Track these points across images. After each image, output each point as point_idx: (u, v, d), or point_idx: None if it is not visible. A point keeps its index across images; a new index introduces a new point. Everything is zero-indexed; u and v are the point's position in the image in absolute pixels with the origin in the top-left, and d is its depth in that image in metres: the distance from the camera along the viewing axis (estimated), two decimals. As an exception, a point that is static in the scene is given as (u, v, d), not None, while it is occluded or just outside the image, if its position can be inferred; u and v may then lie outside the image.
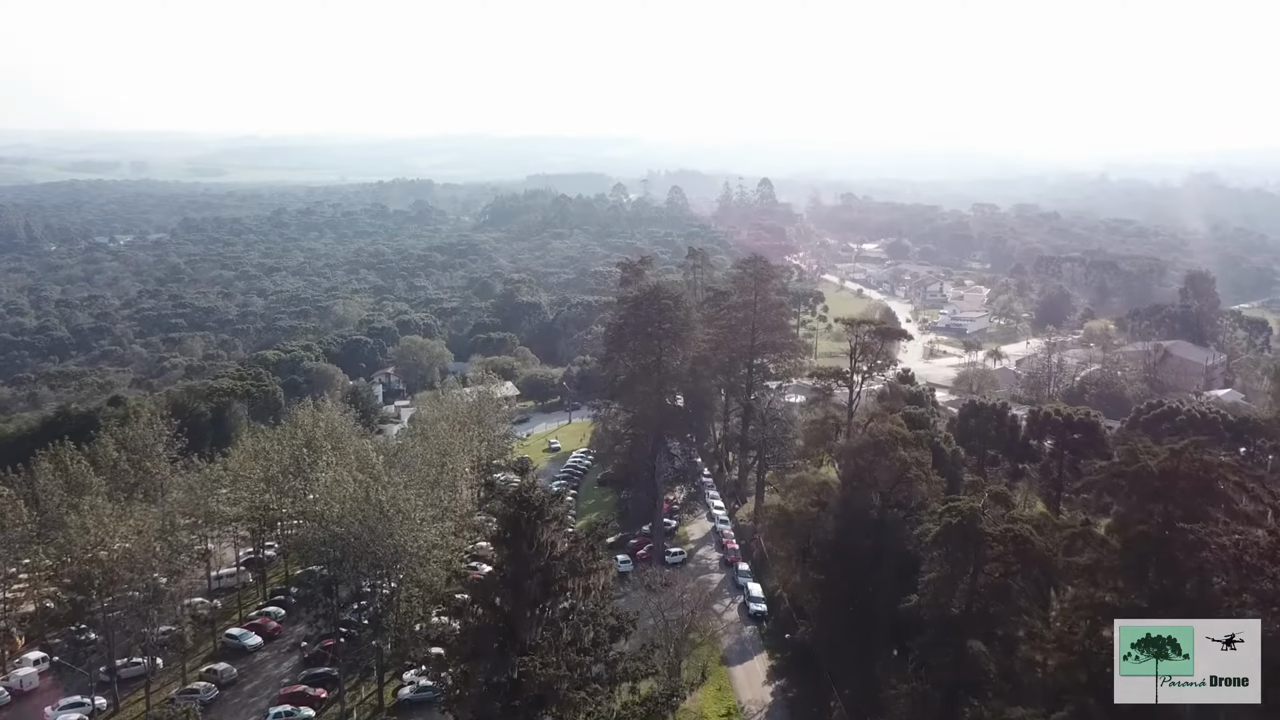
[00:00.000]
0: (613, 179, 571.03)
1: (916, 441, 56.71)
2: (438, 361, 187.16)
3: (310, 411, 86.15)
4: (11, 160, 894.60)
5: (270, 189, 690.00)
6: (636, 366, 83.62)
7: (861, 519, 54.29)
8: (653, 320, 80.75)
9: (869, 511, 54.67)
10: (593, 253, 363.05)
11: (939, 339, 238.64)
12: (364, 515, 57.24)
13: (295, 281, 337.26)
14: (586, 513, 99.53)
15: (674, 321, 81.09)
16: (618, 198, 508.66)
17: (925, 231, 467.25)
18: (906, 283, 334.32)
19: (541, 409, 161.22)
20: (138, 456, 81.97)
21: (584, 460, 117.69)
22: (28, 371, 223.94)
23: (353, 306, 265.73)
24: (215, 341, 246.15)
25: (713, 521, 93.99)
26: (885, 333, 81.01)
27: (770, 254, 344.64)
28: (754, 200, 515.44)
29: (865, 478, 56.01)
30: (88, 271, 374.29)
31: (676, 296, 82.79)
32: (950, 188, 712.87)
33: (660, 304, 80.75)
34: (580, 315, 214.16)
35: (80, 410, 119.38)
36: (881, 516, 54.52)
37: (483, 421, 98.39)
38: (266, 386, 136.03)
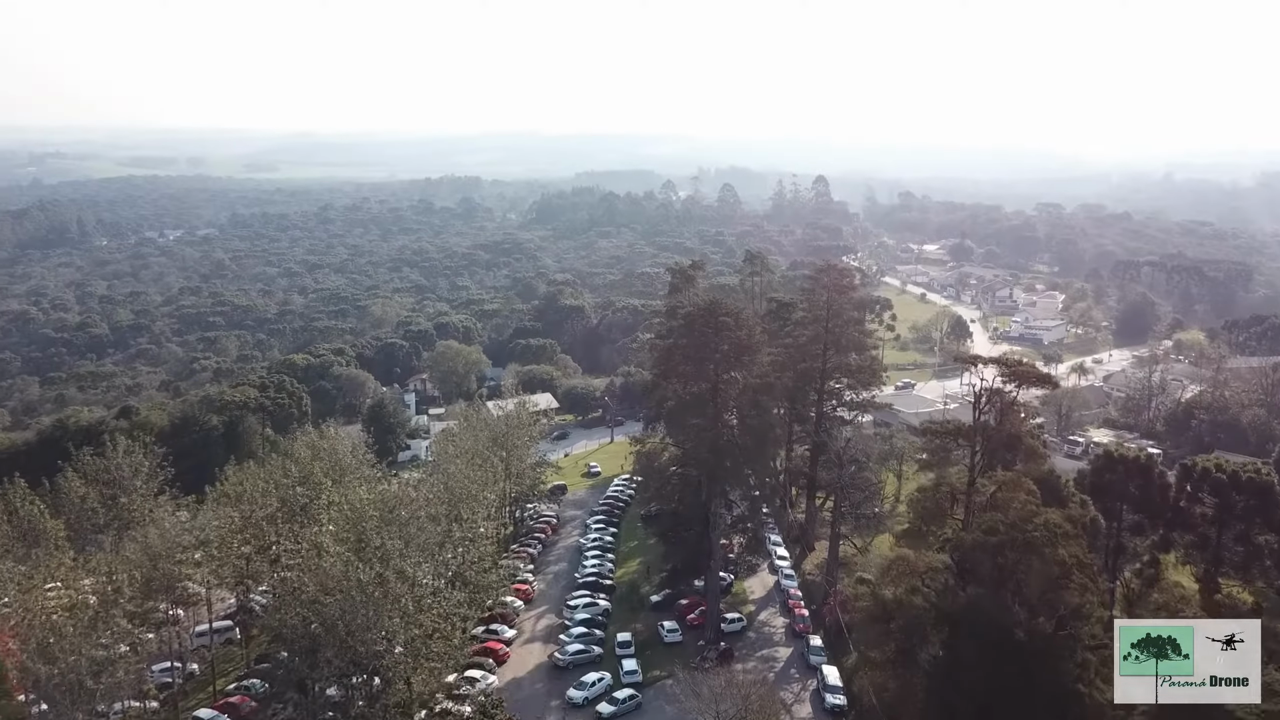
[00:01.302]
0: (661, 176, 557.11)
1: (1075, 532, 42.52)
2: (474, 368, 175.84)
3: (310, 441, 74.38)
4: (74, 156, 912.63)
5: (320, 185, 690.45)
6: (688, 394, 70.17)
7: (999, 637, 40.06)
8: (709, 341, 67.30)
9: (1009, 628, 40.39)
10: (640, 252, 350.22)
11: (1013, 350, 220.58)
12: (343, 597, 45.17)
13: (337, 279, 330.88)
14: (629, 558, 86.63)
15: (734, 343, 67.47)
16: (667, 195, 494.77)
17: (989, 233, 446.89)
18: (972, 287, 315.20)
19: (582, 424, 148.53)
20: (111, 491, 71.16)
21: (626, 490, 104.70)
22: (63, 370, 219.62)
23: (391, 307, 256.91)
24: (251, 342, 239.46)
25: (775, 574, 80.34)
26: (1023, 376, 60.77)
27: (827, 255, 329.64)
28: (809, 198, 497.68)
29: (1005, 580, 42.03)
30: (135, 267, 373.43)
31: (737, 313, 69.18)
32: (1009, 187, 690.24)
33: (718, 322, 67.26)
34: (626, 320, 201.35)
35: (79, 423, 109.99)
36: (1030, 636, 40.37)
37: (510, 450, 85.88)
38: (282, 400, 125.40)
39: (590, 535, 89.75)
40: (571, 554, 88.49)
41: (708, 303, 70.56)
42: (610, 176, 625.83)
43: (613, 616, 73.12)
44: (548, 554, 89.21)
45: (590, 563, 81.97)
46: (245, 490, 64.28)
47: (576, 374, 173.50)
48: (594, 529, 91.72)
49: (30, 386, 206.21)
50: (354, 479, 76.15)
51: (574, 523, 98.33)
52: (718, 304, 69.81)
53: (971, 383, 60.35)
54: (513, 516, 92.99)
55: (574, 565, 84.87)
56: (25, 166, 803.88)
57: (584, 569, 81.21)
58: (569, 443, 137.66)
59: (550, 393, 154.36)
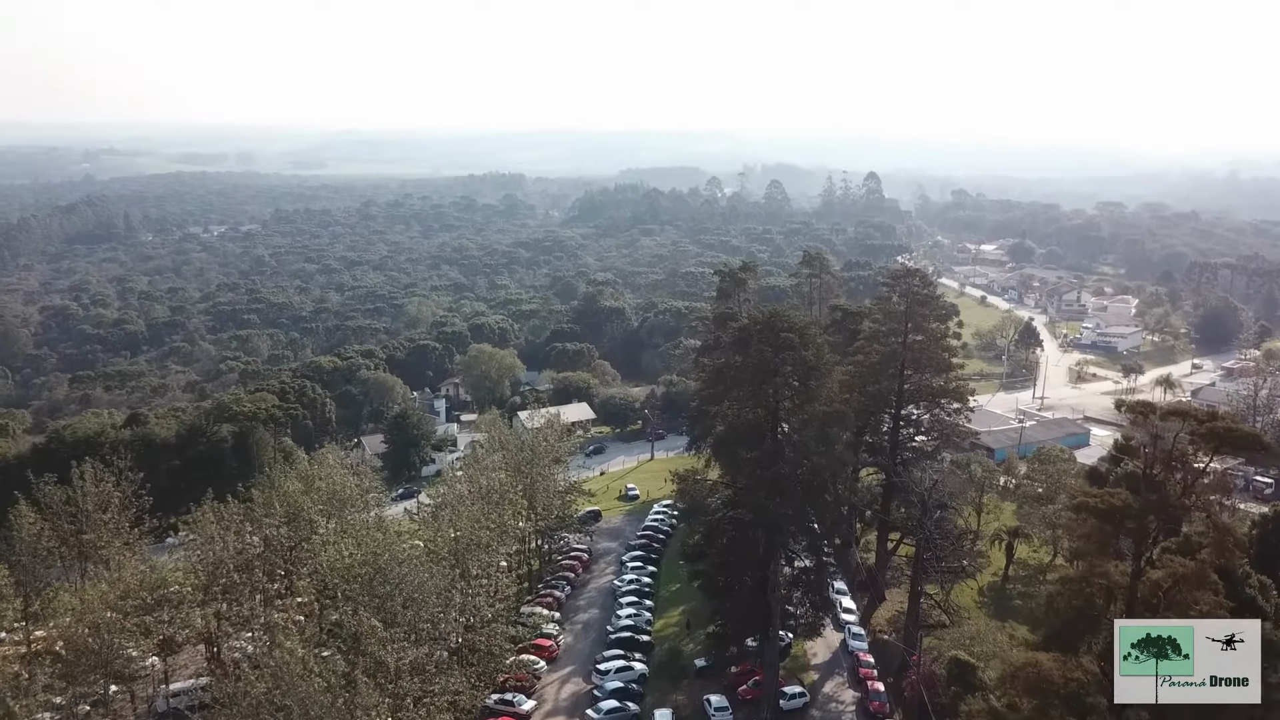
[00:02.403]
0: (707, 173, 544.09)
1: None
2: (508, 373, 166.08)
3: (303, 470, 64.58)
4: (126, 152, 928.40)
5: (364, 181, 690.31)
6: (742, 422, 58.83)
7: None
8: (768, 362, 55.91)
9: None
10: (684, 251, 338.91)
11: (1086, 359, 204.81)
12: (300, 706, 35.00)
13: (375, 276, 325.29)
14: (669, 605, 75.36)
15: (799, 364, 55.97)
16: (712, 192, 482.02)
17: (1048, 232, 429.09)
18: (1035, 289, 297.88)
19: (620, 437, 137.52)
20: (76, 526, 62.13)
21: (667, 519, 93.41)
22: (94, 368, 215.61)
23: (427, 306, 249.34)
24: (284, 341, 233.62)
25: (841, 631, 68.57)
26: (1224, 438, 40.16)
27: (880, 255, 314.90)
28: (859, 195, 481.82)
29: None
30: (177, 262, 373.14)
31: (802, 328, 57.53)
32: (1061, 185, 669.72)
33: (779, 339, 55.84)
34: (669, 323, 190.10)
35: (77, 434, 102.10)
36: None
37: (535, 481, 75.03)
38: (294, 410, 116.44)
39: (626, 577, 78.69)
40: (604, 598, 77.43)
41: (767, 315, 58.93)
42: (654, 173, 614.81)
43: (650, 684, 62.05)
44: (577, 597, 78.27)
45: (625, 612, 70.91)
46: (217, 532, 54.40)
47: (615, 381, 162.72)
48: (630, 568, 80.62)
49: (59, 385, 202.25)
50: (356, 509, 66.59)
51: (608, 557, 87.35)
52: (779, 316, 58.15)
53: (1136, 440, 46.74)
54: (538, 550, 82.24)
55: (606, 613, 73.93)
56: (80, 163, 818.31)
57: (617, 620, 70.18)
58: (605, 458, 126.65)
59: (586, 402, 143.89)
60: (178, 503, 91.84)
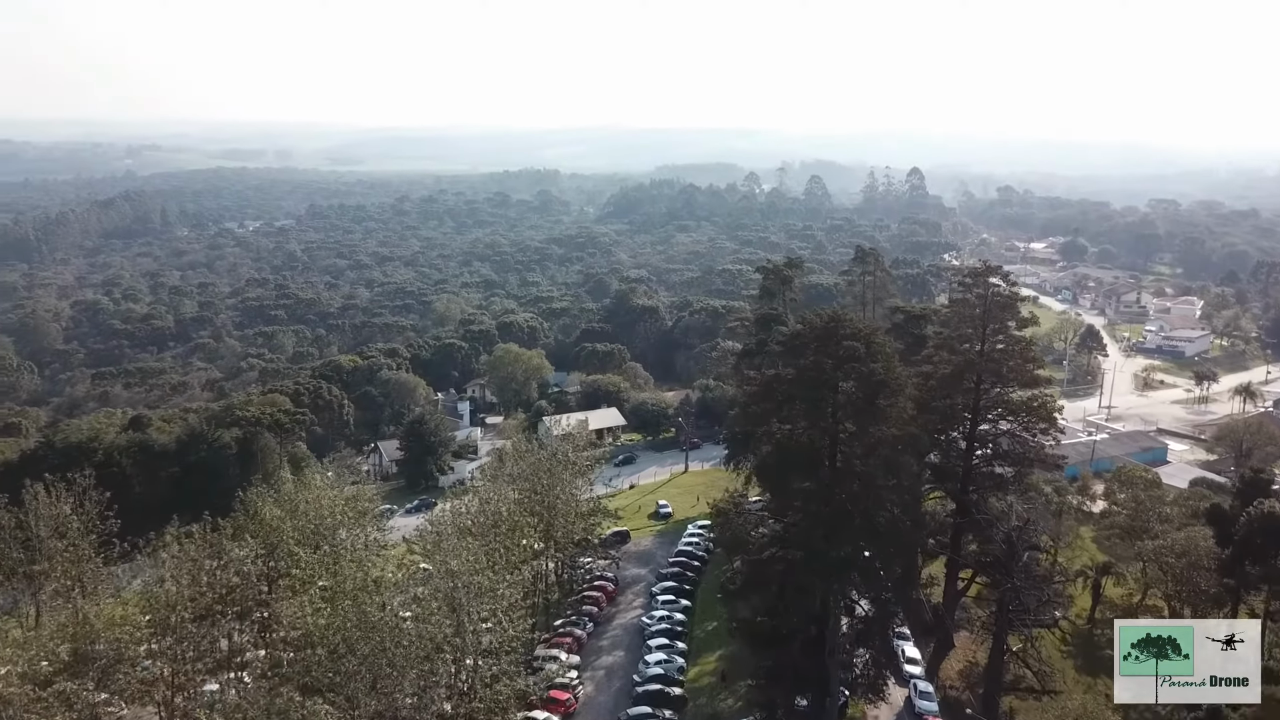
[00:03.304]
0: (744, 169, 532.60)
1: None
2: (535, 375, 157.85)
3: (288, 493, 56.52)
4: (168, 148, 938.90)
5: (400, 178, 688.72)
6: (794, 445, 49.54)
7: None
8: (826, 377, 46.62)
9: None
10: (721, 248, 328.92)
11: (1152, 364, 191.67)
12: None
13: (406, 272, 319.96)
14: (704, 648, 65.94)
15: (865, 380, 46.56)
16: (750, 187, 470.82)
17: (1100, 230, 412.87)
18: (1091, 290, 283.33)
19: (652, 445, 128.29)
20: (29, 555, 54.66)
21: (703, 542, 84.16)
22: (119, 364, 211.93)
23: (456, 303, 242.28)
24: (309, 338, 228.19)
25: (906, 687, 58.86)
26: None
27: (926, 252, 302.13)
28: (902, 192, 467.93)
29: None
30: (210, 257, 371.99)
31: (868, 335, 48.12)
32: (1108, 183, 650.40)
33: (840, 348, 46.56)
34: (704, 323, 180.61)
35: (70, 440, 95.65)
36: None
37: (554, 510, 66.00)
38: (301, 416, 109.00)
39: (656, 613, 69.49)
40: (630, 637, 68.31)
41: (825, 319, 49.45)
42: (690, 169, 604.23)
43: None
44: (600, 635, 69.20)
45: (654, 658, 61.83)
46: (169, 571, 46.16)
47: (647, 385, 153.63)
48: (661, 602, 71.47)
49: (82, 382, 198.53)
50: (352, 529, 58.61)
51: (636, 587, 78.26)
52: (840, 321, 48.69)
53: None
54: (559, 579, 73.34)
55: (633, 655, 64.90)
56: (122, 159, 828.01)
57: (645, 667, 61.09)
58: (635, 469, 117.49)
59: (616, 407, 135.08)
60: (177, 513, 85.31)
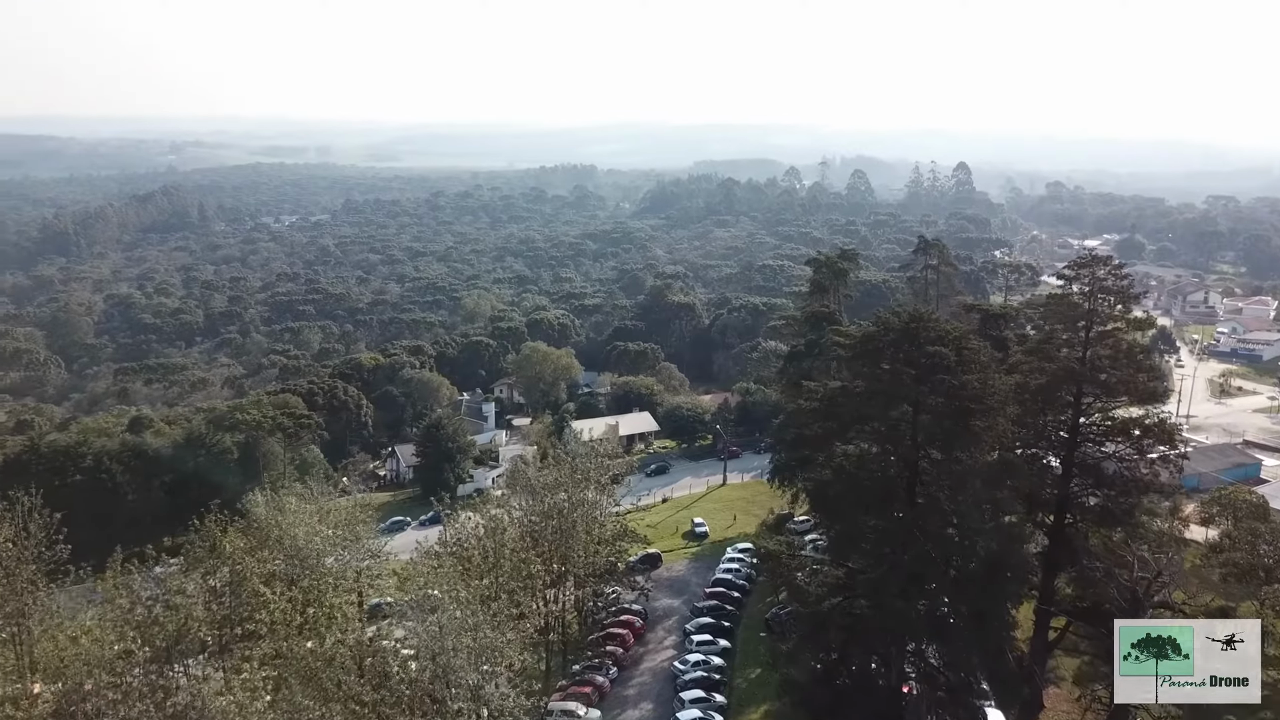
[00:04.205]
0: (783, 165, 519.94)
1: None
2: (563, 375, 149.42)
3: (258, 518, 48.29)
4: (211, 145, 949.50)
5: (437, 173, 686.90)
6: (864, 475, 40.03)
7: None
8: (905, 389, 37.12)
9: None
10: (761, 243, 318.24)
11: (1229, 369, 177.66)
12: None
13: (438, 268, 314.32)
14: (747, 700, 55.72)
15: (956, 395, 36.96)
16: (790, 182, 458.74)
17: (1157, 227, 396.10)
18: (1154, 289, 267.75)
19: (687, 453, 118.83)
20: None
21: (744, 567, 74.66)
22: (145, 359, 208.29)
23: (486, 299, 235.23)
24: (336, 334, 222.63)
25: (987, 757, 49.13)
26: None
27: (976, 248, 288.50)
28: (948, 187, 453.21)
29: None
30: (244, 251, 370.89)
31: (959, 339, 38.58)
32: (1159, 180, 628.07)
33: (926, 355, 37.07)
34: (744, 322, 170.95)
35: (56, 445, 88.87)
36: None
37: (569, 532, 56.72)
38: (307, 420, 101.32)
39: (690, 657, 60.02)
40: (660, 685, 58.89)
41: (907, 320, 39.86)
42: (729, 165, 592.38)
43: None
44: (625, 682, 59.75)
45: (688, 714, 52.45)
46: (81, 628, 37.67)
47: (683, 387, 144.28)
48: (697, 643, 62.06)
49: (106, 377, 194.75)
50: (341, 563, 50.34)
51: (668, 621, 68.84)
52: (924, 321, 39.12)
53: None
54: (578, 612, 64.12)
55: (662, 709, 55.57)
56: (166, 155, 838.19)
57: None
58: (669, 479, 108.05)
59: (649, 411, 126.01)
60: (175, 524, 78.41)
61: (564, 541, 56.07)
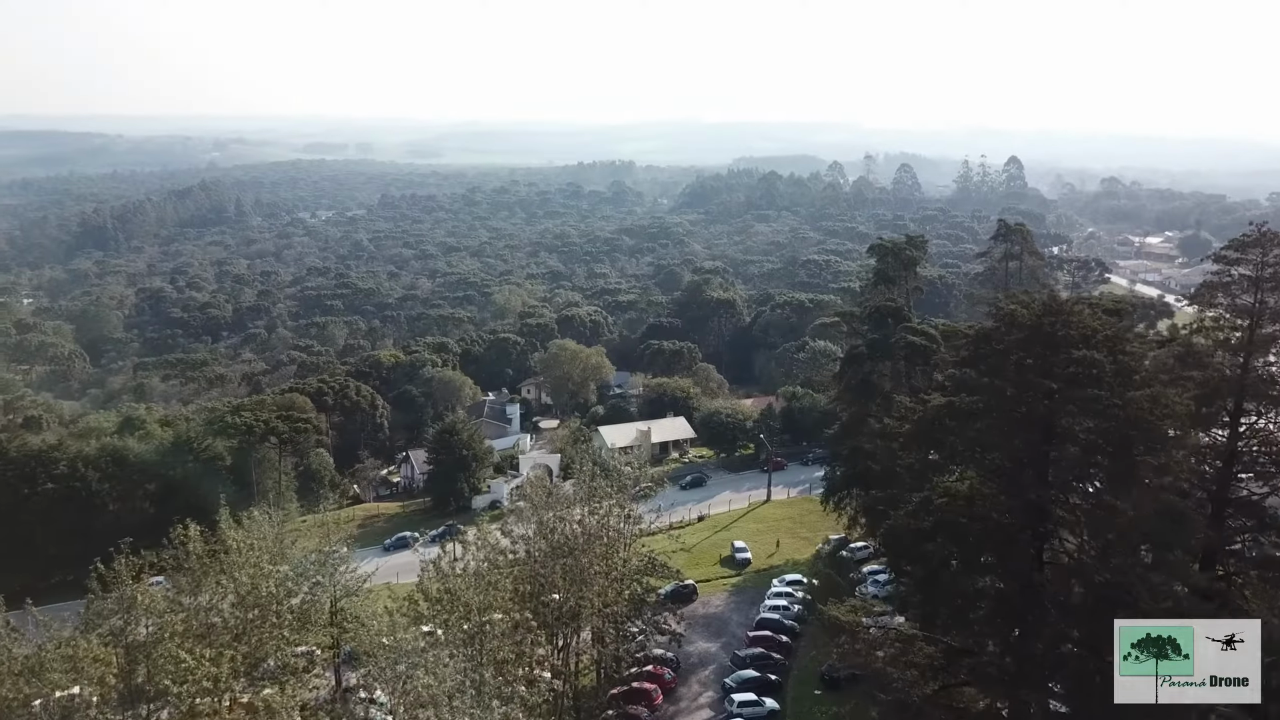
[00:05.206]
0: (825, 162, 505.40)
1: None
2: (593, 374, 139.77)
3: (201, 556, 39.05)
4: (254, 141, 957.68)
5: (476, 170, 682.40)
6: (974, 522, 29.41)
7: None
8: (1037, 405, 26.46)
9: None
10: (804, 238, 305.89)
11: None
12: None
13: (471, 263, 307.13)
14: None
15: (1114, 418, 26.22)
16: (834, 177, 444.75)
17: (1222, 224, 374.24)
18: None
19: (726, 464, 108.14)
20: None
21: (794, 604, 64.02)
22: (171, 354, 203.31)
23: (517, 295, 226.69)
24: (362, 329, 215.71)
25: None
26: None
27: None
28: (999, 182, 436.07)
29: None
30: (279, 246, 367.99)
31: (1113, 341, 27.95)
32: (1214, 178, 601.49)
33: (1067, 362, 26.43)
34: (788, 319, 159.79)
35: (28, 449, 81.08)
36: None
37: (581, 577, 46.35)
38: (301, 426, 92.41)
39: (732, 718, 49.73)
40: (694, 758, 49.02)
41: (1041, 310, 29.23)
42: (769, 162, 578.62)
43: None
44: (652, 752, 49.98)
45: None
46: None
47: (721, 390, 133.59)
48: (739, 702, 51.39)
49: (125, 372, 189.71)
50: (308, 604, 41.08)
51: (703, 672, 58.17)
52: (1063, 315, 28.44)
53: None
54: (595, 660, 53.83)
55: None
56: (209, 152, 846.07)
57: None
58: (705, 493, 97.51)
59: (684, 416, 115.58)
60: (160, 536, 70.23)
61: (576, 587, 45.78)
